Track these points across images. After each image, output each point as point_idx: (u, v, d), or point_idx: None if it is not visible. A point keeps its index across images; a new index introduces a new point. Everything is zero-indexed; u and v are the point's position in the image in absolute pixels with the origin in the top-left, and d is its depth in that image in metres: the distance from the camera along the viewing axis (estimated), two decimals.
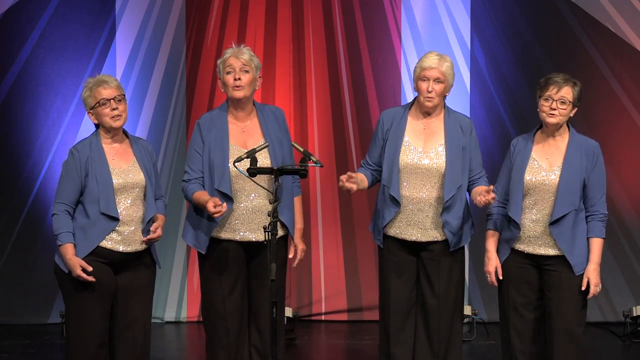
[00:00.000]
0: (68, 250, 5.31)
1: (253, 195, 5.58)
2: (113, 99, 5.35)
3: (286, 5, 8.39)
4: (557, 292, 5.44)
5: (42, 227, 8.23)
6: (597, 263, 5.44)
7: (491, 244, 5.61)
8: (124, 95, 5.42)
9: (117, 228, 5.35)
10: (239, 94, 5.62)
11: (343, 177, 5.55)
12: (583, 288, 5.40)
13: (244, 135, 5.68)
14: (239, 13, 8.39)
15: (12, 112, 8.27)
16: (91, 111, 5.39)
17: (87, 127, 8.03)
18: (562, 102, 5.45)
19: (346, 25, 8.41)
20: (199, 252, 5.75)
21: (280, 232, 5.70)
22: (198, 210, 5.66)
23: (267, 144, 5.50)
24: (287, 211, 5.71)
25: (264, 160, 5.61)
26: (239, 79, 5.60)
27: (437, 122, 5.73)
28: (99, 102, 5.35)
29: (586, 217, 5.49)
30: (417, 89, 5.70)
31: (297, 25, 8.41)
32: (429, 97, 5.65)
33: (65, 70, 8.26)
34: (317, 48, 8.41)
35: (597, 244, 5.45)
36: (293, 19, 8.41)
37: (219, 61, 5.70)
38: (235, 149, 5.59)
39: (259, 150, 5.40)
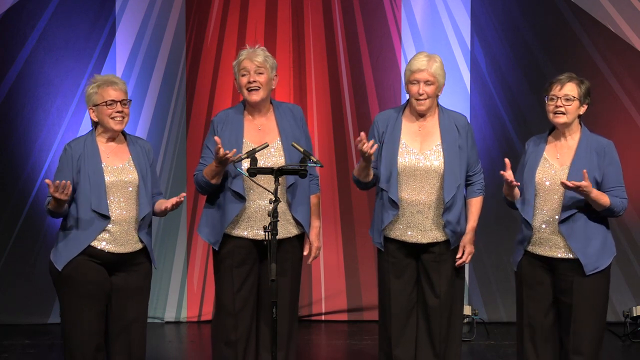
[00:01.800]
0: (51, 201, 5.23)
1: (267, 193, 5.58)
2: (120, 101, 5.35)
3: (286, 5, 8.39)
4: (571, 297, 5.39)
5: (42, 227, 8.23)
6: (589, 191, 5.24)
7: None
8: (130, 100, 5.42)
9: (108, 228, 5.33)
10: (254, 96, 5.64)
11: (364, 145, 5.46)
12: (567, 183, 5.24)
13: (260, 133, 5.69)
14: (239, 13, 8.40)
15: (12, 112, 8.27)
16: (94, 108, 5.39)
17: (87, 127, 8.02)
18: (567, 99, 5.41)
19: (346, 25, 8.41)
20: (213, 248, 5.76)
21: (294, 231, 5.71)
22: (213, 205, 5.68)
23: (266, 144, 5.50)
24: (302, 209, 5.72)
25: (278, 158, 5.62)
26: (254, 81, 5.61)
27: (432, 123, 5.73)
28: (105, 102, 5.34)
29: None
30: (408, 91, 5.70)
31: (297, 25, 8.41)
32: (420, 101, 5.65)
33: (65, 70, 8.26)
34: (317, 48, 8.41)
35: (604, 196, 5.31)
36: (293, 19, 8.41)
37: (234, 63, 5.71)
38: (250, 147, 5.58)
39: (258, 150, 5.41)
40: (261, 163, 5.55)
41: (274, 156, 5.64)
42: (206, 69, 8.39)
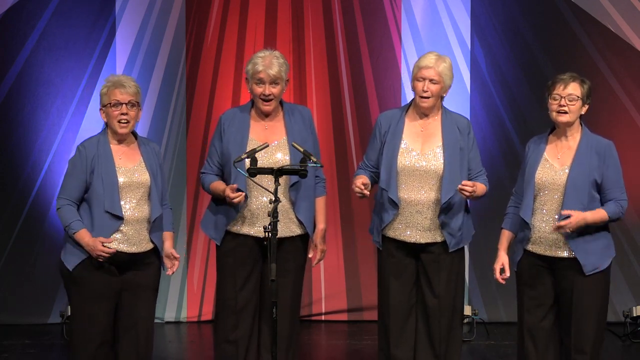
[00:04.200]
0: (84, 234, 5.30)
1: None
2: (126, 103, 5.36)
3: (286, 5, 8.39)
4: (571, 296, 5.38)
5: (42, 228, 8.23)
6: (585, 218, 5.31)
7: (501, 243, 5.59)
8: (139, 102, 5.42)
9: (120, 228, 5.35)
10: (268, 108, 5.68)
11: (361, 187, 5.57)
12: (562, 223, 5.30)
13: (267, 132, 5.70)
14: (239, 13, 8.39)
15: (12, 112, 8.26)
16: (103, 109, 5.41)
17: (87, 127, 8.04)
18: (571, 98, 5.41)
19: (346, 25, 8.41)
20: (216, 246, 5.76)
21: (297, 231, 5.71)
22: (218, 202, 5.69)
23: (266, 144, 5.50)
24: (305, 210, 5.71)
25: (284, 157, 5.62)
26: (270, 94, 5.62)
27: (435, 124, 5.73)
28: (110, 103, 5.35)
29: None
30: (413, 88, 5.70)
31: (297, 25, 8.41)
32: (424, 98, 5.65)
33: (65, 70, 8.26)
34: (317, 48, 8.41)
35: (600, 212, 5.35)
36: (293, 20, 8.40)
37: (248, 66, 5.69)
38: (255, 145, 5.58)
39: (259, 150, 5.41)
40: (266, 161, 5.55)
41: (278, 154, 5.64)
42: (206, 69, 8.39)
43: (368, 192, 5.62)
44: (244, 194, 5.55)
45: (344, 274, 8.48)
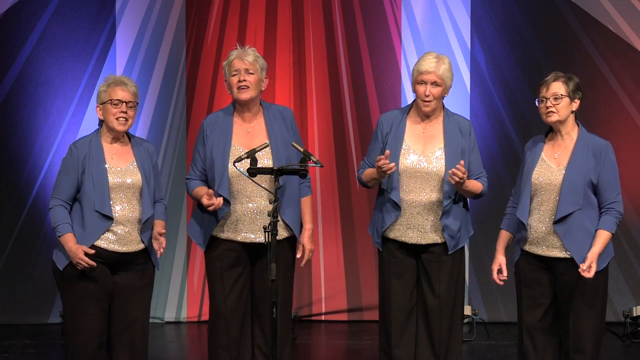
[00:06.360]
0: (68, 239, 5.30)
1: (255, 196, 5.57)
2: (126, 102, 5.36)
3: (286, 5, 8.39)
4: (569, 296, 5.38)
5: (43, 228, 8.23)
6: (597, 253, 5.29)
7: (499, 243, 5.60)
8: (137, 103, 5.43)
9: (112, 228, 5.34)
10: (244, 95, 5.65)
11: (384, 161, 5.50)
12: (581, 268, 5.26)
13: (249, 136, 5.69)
14: (239, 13, 8.40)
15: (12, 112, 8.27)
16: (101, 106, 5.41)
17: (87, 127, 8.04)
18: (555, 97, 5.43)
19: (346, 25, 8.41)
20: (204, 251, 5.76)
21: (284, 234, 5.70)
22: (202, 207, 5.69)
23: (267, 144, 5.49)
24: (291, 212, 5.70)
25: (266, 160, 5.61)
26: (244, 80, 5.62)
27: (436, 126, 5.72)
28: (111, 101, 5.36)
29: (600, 213, 5.40)
30: (414, 91, 5.68)
31: (297, 25, 8.41)
32: (426, 102, 5.64)
33: (65, 70, 8.27)
34: (317, 48, 8.41)
35: (603, 236, 5.32)
36: (293, 20, 8.41)
37: (224, 63, 5.73)
38: (238, 150, 5.59)
39: (259, 150, 5.39)
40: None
41: (262, 158, 5.62)
42: (206, 69, 8.40)
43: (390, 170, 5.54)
44: (220, 199, 5.53)
45: (344, 274, 8.49)
